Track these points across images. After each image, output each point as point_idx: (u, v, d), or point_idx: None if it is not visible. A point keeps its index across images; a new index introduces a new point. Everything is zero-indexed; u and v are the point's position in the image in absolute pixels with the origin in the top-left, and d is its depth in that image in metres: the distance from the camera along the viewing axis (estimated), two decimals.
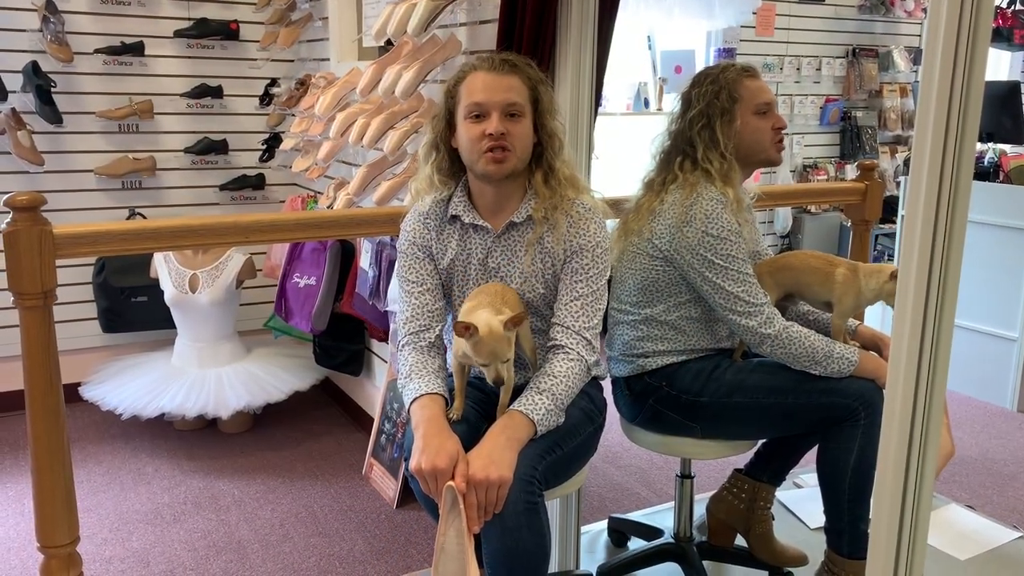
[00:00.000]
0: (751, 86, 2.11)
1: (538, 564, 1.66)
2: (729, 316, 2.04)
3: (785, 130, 2.15)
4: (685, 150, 2.12)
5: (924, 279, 1.40)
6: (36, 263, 1.78)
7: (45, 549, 1.90)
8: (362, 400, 3.75)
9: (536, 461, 1.68)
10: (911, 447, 1.46)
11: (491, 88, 1.81)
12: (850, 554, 2.10)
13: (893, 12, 5.69)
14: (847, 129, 5.74)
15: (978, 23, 1.30)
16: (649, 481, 3.29)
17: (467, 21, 2.77)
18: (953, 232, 1.38)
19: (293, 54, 4.15)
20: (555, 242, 1.88)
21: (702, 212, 2.02)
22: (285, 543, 2.81)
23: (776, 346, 2.01)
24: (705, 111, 2.08)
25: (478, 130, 1.80)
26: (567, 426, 1.82)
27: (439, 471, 1.60)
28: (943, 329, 1.41)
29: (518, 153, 1.83)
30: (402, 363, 1.87)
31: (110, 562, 2.70)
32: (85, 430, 3.69)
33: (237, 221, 2.09)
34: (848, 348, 2.04)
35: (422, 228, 1.94)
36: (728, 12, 4.84)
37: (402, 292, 1.94)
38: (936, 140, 1.35)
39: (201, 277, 3.57)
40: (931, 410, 1.45)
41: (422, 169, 1.97)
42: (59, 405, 1.86)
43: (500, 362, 1.68)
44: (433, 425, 1.69)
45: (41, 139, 3.71)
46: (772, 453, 2.33)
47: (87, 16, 3.78)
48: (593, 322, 1.86)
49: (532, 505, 1.63)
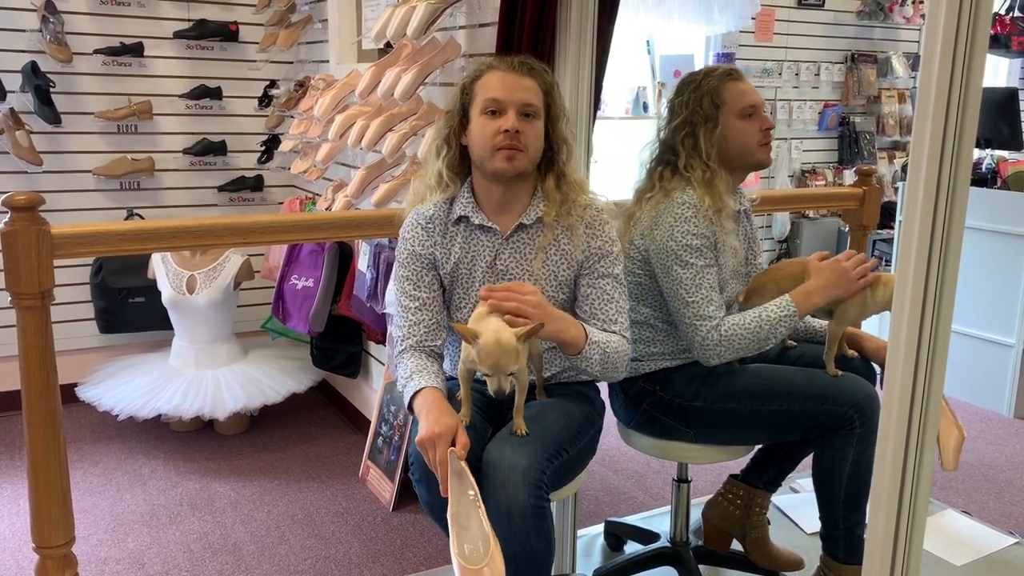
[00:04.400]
0: (734, 89, 2.07)
1: (544, 567, 1.66)
2: (681, 324, 2.03)
3: (772, 130, 2.13)
4: (668, 159, 2.12)
5: (921, 285, 1.40)
6: (34, 263, 1.78)
7: (41, 550, 1.90)
8: (359, 402, 3.75)
9: (544, 465, 1.68)
10: (907, 452, 1.46)
11: (509, 86, 1.82)
12: (846, 560, 2.10)
13: (892, 18, 5.70)
14: (845, 134, 5.75)
15: (976, 29, 1.30)
16: (645, 485, 3.29)
17: (466, 24, 2.77)
18: (950, 238, 1.38)
19: (292, 56, 4.15)
20: (573, 246, 1.88)
21: (670, 216, 2.02)
22: (281, 545, 2.81)
23: (723, 353, 2.00)
24: (689, 119, 2.07)
25: (494, 126, 1.80)
26: (572, 429, 1.83)
27: (436, 435, 1.61)
28: (940, 335, 1.41)
29: (530, 154, 1.83)
30: (401, 369, 1.87)
31: (105, 563, 2.69)
32: (81, 431, 3.69)
33: (235, 222, 2.09)
34: (780, 305, 2.01)
35: (424, 234, 1.92)
36: (727, 17, 4.85)
37: (399, 305, 1.93)
38: (934, 146, 1.35)
39: (199, 278, 3.57)
40: (928, 415, 1.45)
41: (431, 165, 1.96)
42: (56, 405, 1.86)
43: (504, 374, 1.64)
44: (435, 404, 1.71)
45: (40, 139, 3.71)
46: (768, 459, 2.33)
47: (86, 16, 3.78)
48: (627, 322, 1.91)
49: (540, 509, 1.64)
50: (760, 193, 2.54)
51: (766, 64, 5.35)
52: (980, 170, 4.34)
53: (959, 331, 4.09)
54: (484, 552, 1.53)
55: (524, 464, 1.65)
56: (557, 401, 1.91)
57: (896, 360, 1.44)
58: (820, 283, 2.03)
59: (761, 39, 5.31)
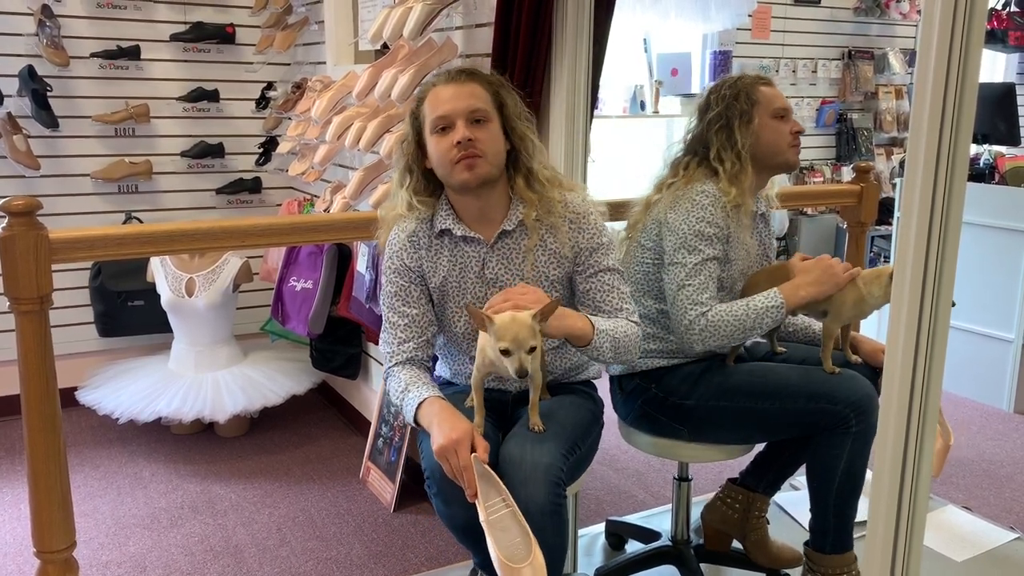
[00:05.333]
0: (768, 92, 2.14)
1: (557, 564, 1.67)
2: (672, 306, 2.03)
3: (802, 135, 2.16)
4: (697, 150, 2.15)
5: (919, 280, 1.40)
6: (32, 268, 1.78)
7: (41, 554, 1.89)
8: (359, 404, 3.75)
9: (561, 461, 1.69)
10: (907, 448, 1.46)
11: (452, 98, 1.79)
12: (832, 551, 2.11)
13: (888, 14, 5.71)
14: (843, 131, 5.75)
15: (972, 25, 1.30)
16: (646, 484, 3.29)
17: (463, 25, 2.77)
18: (948, 233, 1.38)
19: (289, 58, 4.15)
20: (560, 244, 1.87)
21: (688, 201, 2.04)
22: (282, 547, 2.81)
23: (707, 339, 1.99)
24: (724, 113, 2.11)
25: (447, 142, 1.79)
26: (583, 425, 1.84)
27: (455, 441, 1.60)
28: (939, 330, 1.41)
29: (489, 158, 1.80)
30: (393, 383, 1.86)
31: (107, 567, 2.69)
32: (81, 434, 3.69)
33: (234, 225, 2.09)
34: (767, 296, 2.02)
35: (411, 249, 1.90)
36: (724, 15, 4.85)
37: (387, 322, 1.91)
38: (931, 142, 1.35)
39: (198, 281, 3.57)
40: (927, 411, 1.45)
41: (396, 195, 1.93)
42: (55, 409, 1.85)
43: (524, 351, 1.62)
44: (445, 411, 1.70)
45: (37, 143, 3.70)
46: (768, 463, 2.32)
47: (83, 20, 3.78)
48: (633, 305, 1.90)
49: (558, 506, 1.64)
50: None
51: (763, 61, 5.36)
52: (978, 166, 4.35)
53: (958, 327, 4.10)
54: (526, 551, 1.53)
55: (546, 462, 1.65)
56: (564, 398, 1.92)
57: (895, 356, 1.44)
58: (808, 280, 2.04)
59: (758, 36, 5.31)
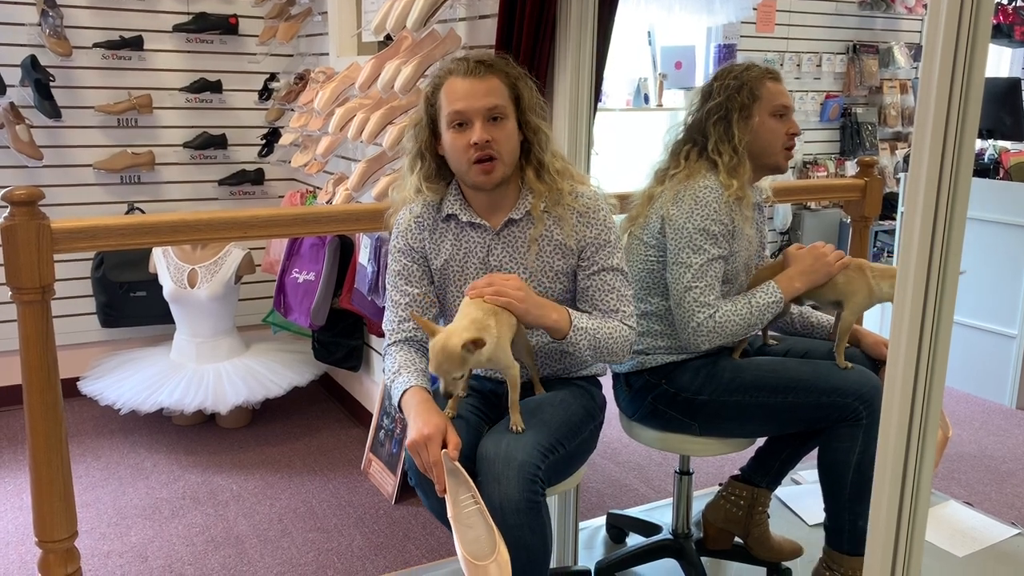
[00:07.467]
0: (772, 88, 2.11)
1: (539, 562, 1.66)
2: (678, 307, 2.03)
3: (797, 137, 2.15)
4: (696, 139, 2.13)
5: (923, 275, 1.39)
6: (34, 258, 1.78)
7: (43, 544, 1.90)
8: (361, 396, 3.75)
9: (539, 459, 1.67)
10: (909, 443, 1.46)
11: (471, 94, 1.78)
12: (850, 551, 2.10)
13: (894, 8, 5.68)
14: (847, 125, 5.73)
15: (978, 19, 1.30)
16: (648, 477, 3.29)
17: (466, 16, 2.76)
18: (952, 229, 1.37)
19: (292, 49, 4.14)
20: (565, 236, 1.87)
21: (691, 198, 2.02)
22: (283, 538, 2.81)
23: (714, 339, 2.00)
24: (724, 104, 2.09)
25: (463, 140, 1.79)
26: (570, 424, 1.82)
27: (426, 437, 1.61)
28: (942, 326, 1.41)
29: (505, 159, 1.81)
30: (389, 361, 1.88)
31: (108, 557, 2.70)
32: (83, 425, 3.69)
33: (236, 216, 2.08)
34: (767, 291, 2.03)
35: (415, 230, 1.92)
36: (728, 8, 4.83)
37: (390, 300, 1.93)
38: (936, 136, 1.34)
39: (200, 272, 3.57)
40: (930, 406, 1.44)
41: (407, 179, 1.93)
42: (57, 400, 1.86)
43: (450, 377, 1.64)
44: (422, 405, 1.71)
45: (40, 133, 3.70)
46: (771, 457, 2.31)
47: (86, 10, 3.77)
48: (631, 308, 1.89)
49: (534, 504, 1.63)
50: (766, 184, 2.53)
51: (767, 55, 5.33)
52: (982, 160, 4.33)
53: (961, 322, 4.09)
54: (490, 548, 1.53)
55: (519, 459, 1.64)
56: (556, 395, 1.90)
57: (898, 351, 1.44)
58: (799, 269, 2.07)
59: (762, 30, 5.29)
